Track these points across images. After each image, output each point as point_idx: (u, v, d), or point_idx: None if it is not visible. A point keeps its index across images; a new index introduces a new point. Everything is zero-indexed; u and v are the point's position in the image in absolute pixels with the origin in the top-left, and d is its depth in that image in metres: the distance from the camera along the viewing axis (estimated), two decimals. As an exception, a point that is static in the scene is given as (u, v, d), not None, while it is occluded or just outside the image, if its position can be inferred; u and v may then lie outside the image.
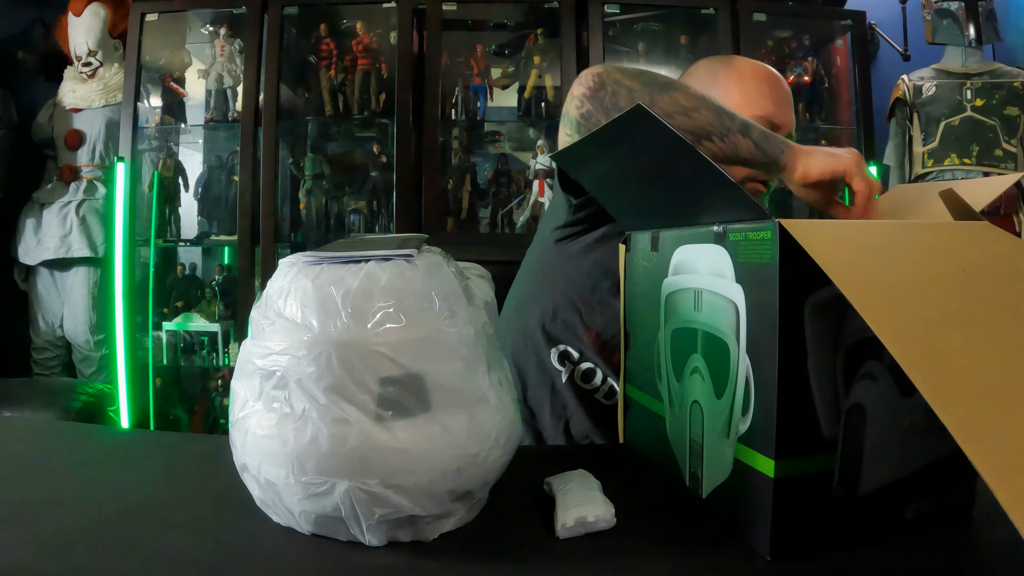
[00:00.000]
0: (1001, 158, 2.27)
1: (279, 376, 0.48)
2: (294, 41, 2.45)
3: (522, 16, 2.50)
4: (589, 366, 0.95)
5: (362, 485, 0.46)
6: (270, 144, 2.28)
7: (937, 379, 0.33)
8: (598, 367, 0.95)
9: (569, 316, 0.96)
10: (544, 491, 0.57)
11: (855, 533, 0.48)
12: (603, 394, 0.97)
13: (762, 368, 0.46)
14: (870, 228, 0.48)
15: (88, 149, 2.47)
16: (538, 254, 1.01)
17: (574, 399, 0.96)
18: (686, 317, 0.57)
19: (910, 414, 0.48)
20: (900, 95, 2.43)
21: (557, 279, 0.97)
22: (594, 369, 0.95)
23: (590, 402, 0.96)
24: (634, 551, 0.48)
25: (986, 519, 0.51)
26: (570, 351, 0.96)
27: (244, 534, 0.51)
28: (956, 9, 2.35)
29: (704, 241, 0.54)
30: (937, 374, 0.33)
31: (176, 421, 2.48)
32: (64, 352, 2.55)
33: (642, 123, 0.50)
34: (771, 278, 0.45)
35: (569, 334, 0.96)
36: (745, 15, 2.29)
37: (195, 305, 2.43)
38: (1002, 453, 0.30)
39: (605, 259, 0.94)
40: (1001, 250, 0.47)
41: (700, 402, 0.55)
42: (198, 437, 0.97)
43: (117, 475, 0.64)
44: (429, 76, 2.29)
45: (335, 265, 0.51)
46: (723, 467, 0.51)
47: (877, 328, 0.35)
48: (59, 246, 2.40)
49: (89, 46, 2.41)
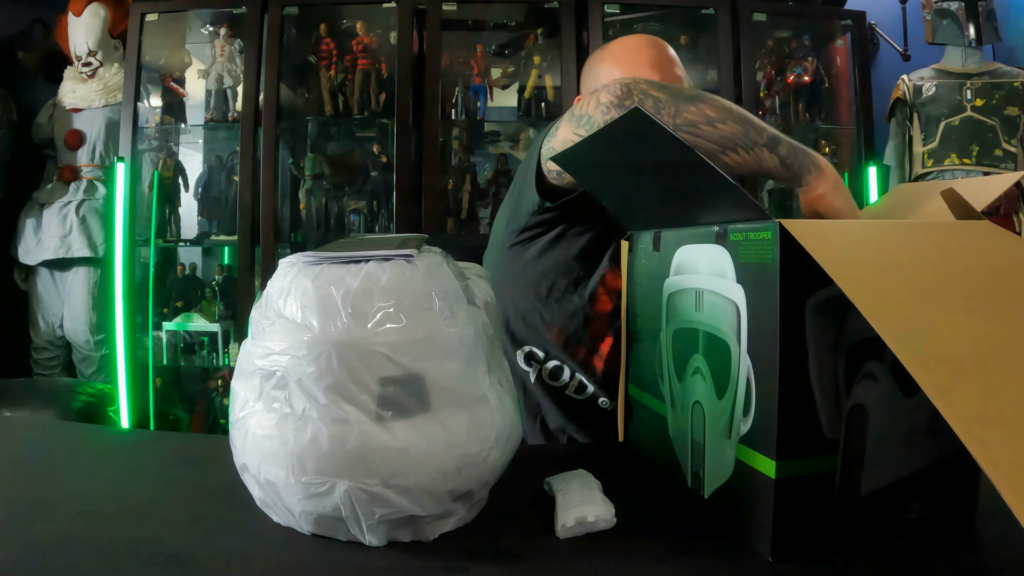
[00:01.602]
0: (1001, 158, 2.27)
1: (279, 376, 0.48)
2: (294, 41, 2.45)
3: (522, 16, 2.50)
4: (556, 364, 0.98)
5: (362, 485, 0.46)
6: (270, 144, 2.28)
7: (941, 378, 0.33)
8: (564, 364, 0.98)
9: (531, 317, 0.98)
10: (544, 491, 0.57)
11: (857, 533, 0.48)
12: (573, 389, 0.99)
13: (763, 368, 0.46)
14: (871, 228, 0.48)
15: (88, 149, 2.46)
16: (495, 258, 1.03)
17: (546, 397, 0.99)
18: (687, 317, 0.57)
19: (912, 414, 0.48)
20: (900, 95, 2.43)
21: (516, 282, 0.99)
22: (561, 367, 0.98)
23: (561, 398, 0.99)
24: (634, 551, 0.48)
25: (990, 519, 0.51)
26: (535, 351, 0.98)
27: (244, 534, 0.51)
28: (956, 9, 2.35)
29: (705, 241, 0.54)
30: (941, 373, 0.33)
31: (176, 421, 2.47)
32: (64, 352, 2.55)
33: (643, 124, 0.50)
34: (772, 278, 0.45)
35: (533, 334, 0.98)
36: (745, 15, 2.29)
37: (195, 305, 2.43)
38: (1007, 451, 0.30)
39: (560, 257, 0.96)
40: (1003, 249, 0.47)
41: (702, 402, 0.55)
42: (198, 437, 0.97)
43: (117, 475, 0.64)
44: (429, 76, 2.28)
45: (335, 265, 0.51)
46: (724, 468, 0.51)
47: (879, 327, 0.35)
48: (59, 246, 2.39)
49: (89, 46, 2.41)
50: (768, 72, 2.40)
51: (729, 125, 0.71)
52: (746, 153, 0.71)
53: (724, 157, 0.70)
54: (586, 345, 0.98)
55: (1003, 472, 0.29)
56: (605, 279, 0.97)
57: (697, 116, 0.72)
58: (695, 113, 0.72)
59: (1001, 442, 0.30)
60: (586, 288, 0.97)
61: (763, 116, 2.37)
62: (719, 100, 0.73)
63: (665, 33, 2.50)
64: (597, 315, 0.97)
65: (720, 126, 0.71)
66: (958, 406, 0.31)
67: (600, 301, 0.97)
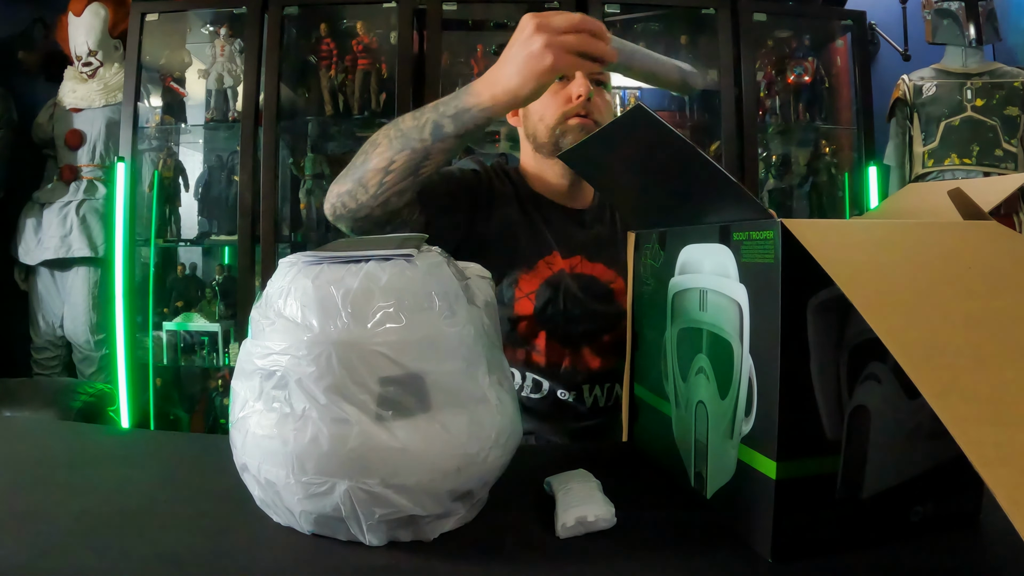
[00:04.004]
0: (1001, 158, 2.27)
1: (279, 376, 0.48)
2: (294, 41, 2.45)
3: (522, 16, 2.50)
4: None
5: (362, 485, 0.46)
6: (270, 144, 2.28)
7: (939, 381, 0.33)
8: (512, 368, 0.98)
9: None
10: (544, 491, 0.57)
11: (858, 536, 0.48)
12: (530, 390, 1.00)
13: (764, 369, 0.46)
14: (874, 228, 0.48)
15: (88, 149, 2.46)
16: None
17: None
18: (692, 317, 0.57)
19: (915, 416, 0.48)
20: (900, 95, 2.43)
21: None
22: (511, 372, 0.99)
23: (522, 406, 1.00)
24: (634, 551, 0.48)
25: (994, 522, 0.51)
26: None
27: (244, 534, 0.51)
28: (956, 9, 2.35)
29: (709, 240, 0.54)
30: (939, 375, 0.33)
31: (176, 421, 2.47)
32: (64, 352, 2.55)
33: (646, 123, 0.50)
34: (773, 278, 0.45)
35: None
36: (745, 15, 2.29)
37: (195, 305, 2.43)
38: (1005, 455, 0.30)
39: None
40: (1008, 250, 0.47)
41: (705, 402, 0.55)
42: (198, 437, 0.97)
43: (117, 475, 0.64)
44: (429, 76, 2.28)
45: (335, 265, 0.50)
46: (727, 468, 0.51)
47: (879, 329, 0.35)
48: (59, 246, 2.39)
49: (89, 46, 2.41)
50: (768, 72, 2.40)
51: (407, 123, 0.80)
52: (427, 135, 0.78)
53: (431, 148, 0.78)
54: (522, 346, 1.00)
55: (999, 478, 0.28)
56: (519, 282, 0.99)
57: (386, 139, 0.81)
58: (383, 137, 0.81)
59: (999, 445, 0.30)
60: (503, 295, 0.99)
61: (763, 116, 2.37)
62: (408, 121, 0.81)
63: (665, 33, 2.49)
64: (521, 317, 0.99)
65: (405, 131, 0.79)
66: (956, 409, 0.31)
67: (520, 304, 0.99)
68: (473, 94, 0.76)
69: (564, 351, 1.00)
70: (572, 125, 0.99)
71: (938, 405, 0.31)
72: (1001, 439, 0.31)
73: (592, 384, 1.01)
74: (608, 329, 1.01)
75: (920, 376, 0.32)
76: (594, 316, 1.00)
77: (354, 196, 0.83)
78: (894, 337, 0.35)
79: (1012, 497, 0.28)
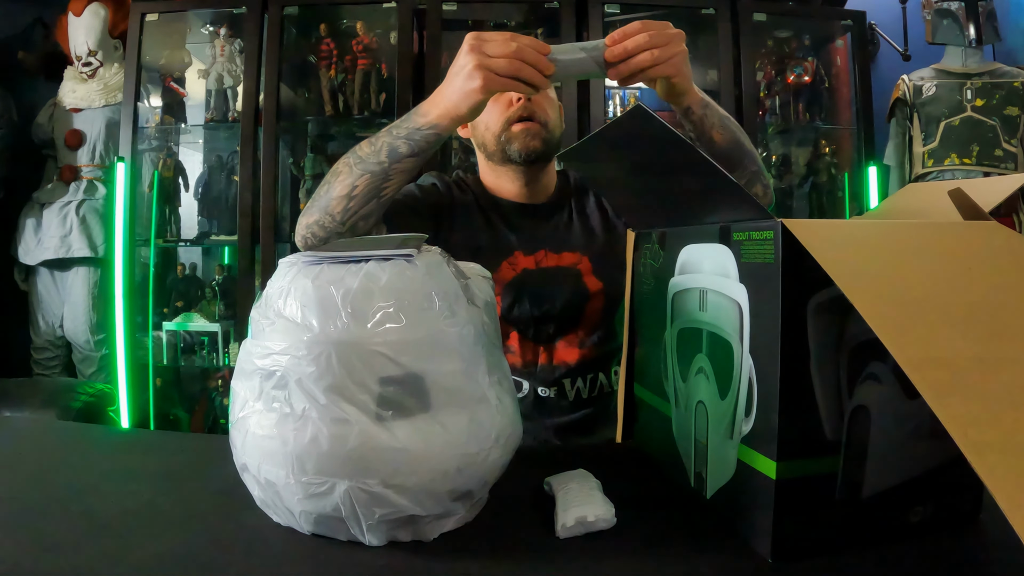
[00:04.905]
0: (1001, 158, 2.27)
1: (279, 376, 0.48)
2: (294, 41, 2.44)
3: (522, 16, 2.50)
4: None
5: (362, 485, 0.46)
6: (270, 144, 2.28)
7: (939, 381, 0.33)
8: None
9: None
10: (544, 491, 0.57)
11: (858, 536, 0.48)
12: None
13: (764, 369, 0.46)
14: (875, 228, 0.48)
15: (88, 149, 2.46)
16: None
17: None
18: (692, 317, 0.57)
19: (916, 416, 0.48)
20: (900, 95, 2.43)
21: None
22: None
23: None
24: (634, 551, 0.48)
25: (994, 522, 0.51)
26: None
27: (244, 534, 0.51)
28: (956, 9, 2.35)
29: (709, 240, 0.54)
30: (939, 376, 0.33)
31: (176, 421, 2.47)
32: (64, 352, 2.55)
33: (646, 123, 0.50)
34: (773, 278, 0.45)
35: None
36: (745, 15, 2.29)
37: (195, 305, 2.43)
38: (1004, 456, 0.30)
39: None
40: (1008, 250, 0.47)
41: (705, 402, 0.55)
42: (198, 437, 0.97)
43: (117, 475, 0.64)
44: (429, 76, 2.28)
45: (335, 265, 0.50)
46: (727, 468, 0.51)
47: (878, 329, 0.35)
48: (59, 246, 2.39)
49: (89, 46, 2.41)
50: (768, 72, 2.40)
51: (364, 149, 0.83)
52: (384, 157, 0.81)
53: (389, 170, 0.81)
54: None
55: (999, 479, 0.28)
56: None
57: (347, 168, 0.83)
58: (344, 166, 0.84)
59: (998, 447, 0.30)
60: None
61: (763, 116, 2.37)
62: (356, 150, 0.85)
63: (665, 33, 2.49)
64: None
65: (364, 156, 0.82)
66: (956, 409, 0.31)
67: None
68: (422, 114, 0.79)
69: (537, 348, 1.01)
70: (516, 132, 1.00)
71: (937, 406, 0.31)
72: (1000, 440, 0.31)
73: (573, 377, 1.01)
74: (580, 316, 1.01)
75: (920, 376, 0.32)
76: (566, 307, 1.01)
77: (322, 225, 0.85)
78: (894, 337, 0.35)
79: (1011, 497, 0.28)
